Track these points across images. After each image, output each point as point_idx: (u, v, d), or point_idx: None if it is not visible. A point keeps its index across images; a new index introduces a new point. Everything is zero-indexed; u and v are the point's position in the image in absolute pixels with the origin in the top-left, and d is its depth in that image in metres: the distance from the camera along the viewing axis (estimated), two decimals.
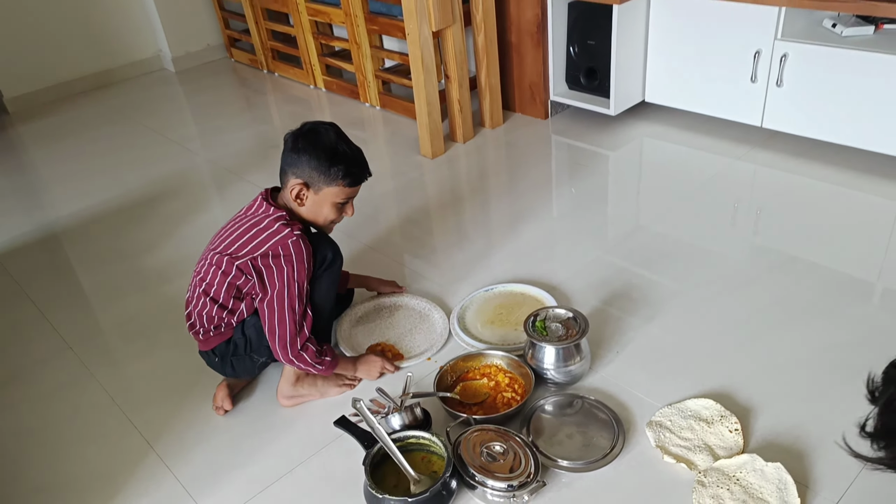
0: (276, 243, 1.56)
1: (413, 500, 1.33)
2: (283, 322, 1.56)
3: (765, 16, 2.40)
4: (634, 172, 2.73)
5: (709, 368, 1.67)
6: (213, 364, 1.71)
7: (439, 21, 2.61)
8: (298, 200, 1.61)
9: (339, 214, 1.66)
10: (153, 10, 4.15)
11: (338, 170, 1.57)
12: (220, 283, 1.60)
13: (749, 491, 1.35)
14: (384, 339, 1.88)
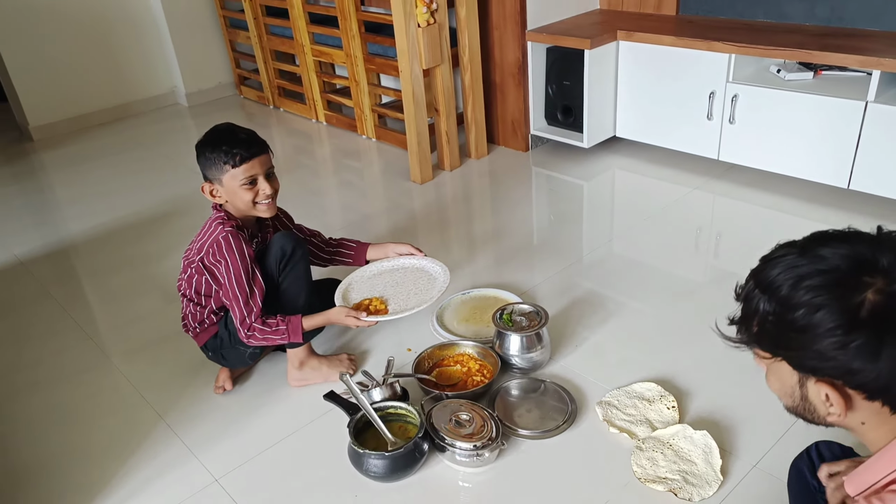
0: (212, 241, 1.75)
1: (389, 454, 1.55)
2: (233, 309, 1.75)
3: (718, 62, 2.71)
4: (606, 199, 3.00)
5: (654, 360, 1.91)
6: (209, 357, 1.93)
7: (429, 60, 2.92)
8: (216, 198, 1.77)
9: (253, 193, 1.74)
10: (171, 50, 4.49)
11: (218, 155, 1.71)
12: (188, 284, 1.84)
13: (680, 454, 1.57)
14: (379, 294, 1.90)
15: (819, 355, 0.78)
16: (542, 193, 3.09)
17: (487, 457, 1.59)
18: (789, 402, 0.89)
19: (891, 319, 0.74)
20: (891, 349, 0.74)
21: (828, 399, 0.82)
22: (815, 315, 0.77)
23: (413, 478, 1.61)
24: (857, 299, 0.75)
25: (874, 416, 0.82)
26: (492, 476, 1.60)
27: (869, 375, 0.77)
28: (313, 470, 1.66)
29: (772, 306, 0.82)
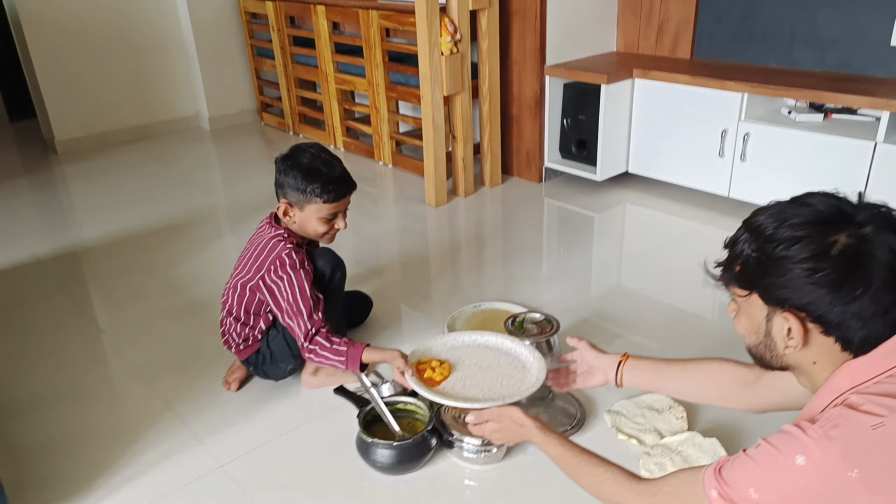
0: (273, 258, 1.73)
1: (397, 444, 1.55)
2: (298, 323, 1.70)
3: (731, 101, 2.79)
4: (616, 232, 3.04)
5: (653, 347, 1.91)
6: (249, 370, 1.93)
7: (450, 87, 3.02)
8: (287, 218, 1.77)
9: (328, 227, 1.78)
10: (197, 75, 4.64)
11: (314, 188, 1.70)
12: (239, 304, 1.83)
13: (688, 461, 1.57)
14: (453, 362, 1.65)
15: (789, 285, 0.88)
16: (554, 223, 3.14)
17: (495, 453, 1.59)
18: (753, 339, 0.99)
19: (857, 261, 0.83)
20: (851, 287, 0.84)
21: (789, 333, 0.91)
22: (792, 247, 0.87)
23: (420, 472, 1.60)
24: (831, 239, 0.86)
25: (825, 356, 0.91)
26: (499, 474, 1.60)
27: (829, 308, 0.86)
28: (319, 460, 1.66)
29: (755, 245, 0.92)
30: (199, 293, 2.48)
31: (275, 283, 1.73)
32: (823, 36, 2.82)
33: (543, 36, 3.12)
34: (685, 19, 3.20)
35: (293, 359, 1.85)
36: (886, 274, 0.83)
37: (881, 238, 0.84)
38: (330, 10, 3.77)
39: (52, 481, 1.62)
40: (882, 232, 0.84)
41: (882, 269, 0.83)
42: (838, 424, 0.82)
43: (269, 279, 1.74)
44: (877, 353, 0.87)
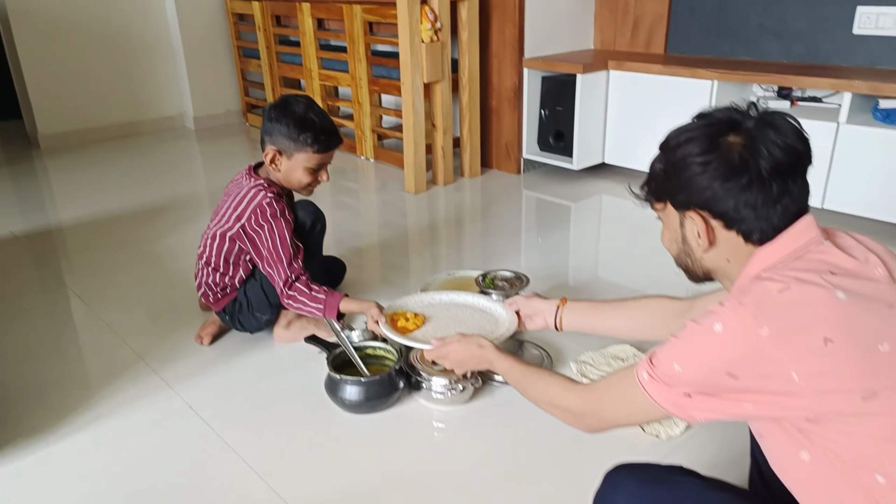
0: (255, 207, 1.74)
1: (365, 380, 1.57)
2: (277, 271, 1.74)
3: (702, 89, 2.87)
4: (593, 221, 3.10)
5: None
6: (224, 321, 1.94)
7: (430, 75, 3.09)
8: (273, 165, 1.77)
9: (312, 178, 1.80)
10: (184, 75, 4.70)
11: (306, 136, 1.71)
12: (218, 254, 1.86)
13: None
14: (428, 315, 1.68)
15: (689, 184, 0.95)
16: (532, 212, 3.19)
17: (462, 393, 1.61)
18: (675, 248, 1.05)
19: (742, 153, 0.92)
20: (738, 177, 0.91)
21: (699, 235, 0.97)
22: (686, 146, 0.95)
23: (387, 412, 1.62)
24: (720, 138, 0.94)
25: (734, 252, 0.97)
26: (465, 415, 1.62)
27: (724, 201, 0.93)
28: (289, 402, 1.67)
29: (662, 158, 1.01)
30: (176, 265, 2.49)
31: (255, 231, 1.75)
32: (790, 28, 2.92)
33: (522, 29, 3.21)
34: (659, 15, 3.31)
35: (270, 309, 1.87)
36: (767, 164, 0.90)
37: (763, 134, 0.92)
38: (315, 6, 3.85)
39: (21, 420, 1.62)
40: (765, 129, 0.92)
41: (764, 160, 0.91)
42: (748, 293, 0.88)
43: (250, 227, 1.76)
44: (782, 238, 0.94)
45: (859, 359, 0.82)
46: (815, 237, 0.93)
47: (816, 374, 0.82)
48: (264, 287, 1.84)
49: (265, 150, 1.79)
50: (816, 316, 0.83)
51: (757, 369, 0.85)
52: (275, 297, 1.82)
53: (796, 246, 0.93)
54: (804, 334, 0.83)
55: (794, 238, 0.93)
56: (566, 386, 1.15)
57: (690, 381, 0.91)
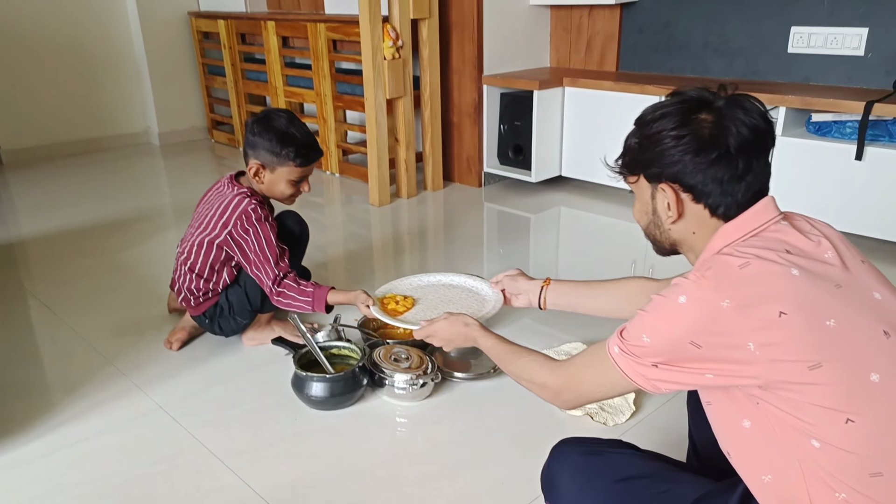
0: (240, 213, 1.81)
1: (330, 377, 1.65)
2: (265, 272, 1.81)
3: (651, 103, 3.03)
4: (552, 231, 3.22)
5: (585, 332, 2.06)
6: (202, 325, 1.98)
7: (393, 91, 3.20)
8: (257, 178, 1.85)
9: (295, 190, 1.89)
10: (149, 92, 4.73)
11: (288, 151, 1.80)
12: (204, 262, 1.88)
13: None
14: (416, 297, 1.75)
15: (662, 156, 1.01)
16: (493, 224, 3.30)
17: (422, 388, 1.70)
18: (645, 220, 1.11)
19: (712, 130, 0.98)
20: (708, 152, 0.98)
21: (669, 207, 1.03)
22: (660, 121, 1.02)
23: (352, 408, 1.70)
24: (693, 115, 1.00)
25: (700, 224, 1.03)
26: (426, 410, 1.70)
27: (693, 175, 0.99)
28: (256, 401, 1.74)
29: (637, 132, 1.07)
30: (142, 274, 2.54)
31: (242, 237, 1.81)
32: (732, 46, 3.11)
33: (481, 47, 3.35)
34: (610, 34, 3.48)
35: (250, 313, 1.94)
36: (735, 141, 0.97)
37: (732, 113, 0.99)
38: (280, 25, 3.94)
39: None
40: (734, 109, 0.99)
41: (732, 138, 0.97)
42: (711, 267, 0.94)
43: (237, 233, 1.81)
44: (745, 216, 1.00)
45: (809, 332, 0.88)
46: (774, 217, 0.99)
47: (770, 343, 0.88)
48: (248, 292, 1.90)
49: (248, 164, 1.86)
50: (773, 290, 0.89)
51: (718, 339, 0.90)
52: (256, 301, 1.90)
53: (757, 224, 0.99)
54: (761, 307, 0.88)
55: (755, 216, 0.99)
56: (543, 364, 1.18)
57: (658, 351, 0.95)
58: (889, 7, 2.64)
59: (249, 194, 1.85)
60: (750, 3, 3.00)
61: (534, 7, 3.55)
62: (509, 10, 3.43)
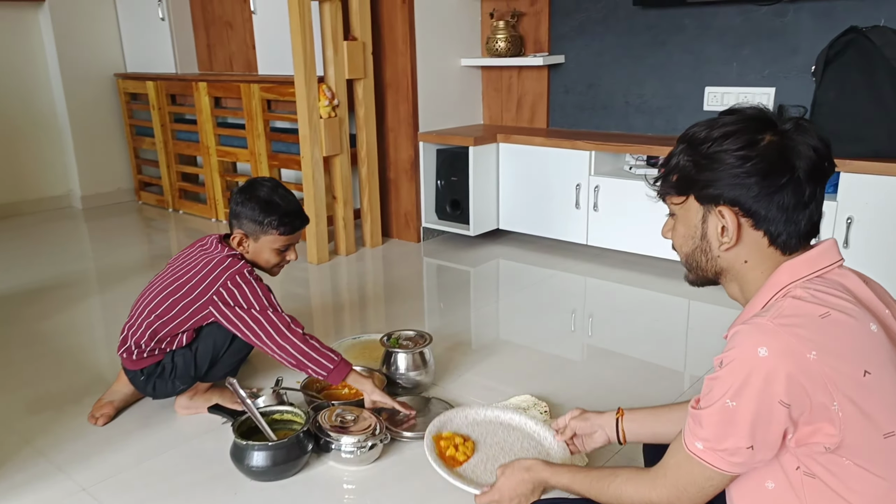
0: (234, 273, 1.73)
1: (272, 445, 1.57)
2: (271, 323, 1.69)
3: (581, 158, 3.14)
4: (491, 283, 3.24)
5: (531, 385, 2.05)
6: (136, 382, 1.85)
7: (329, 148, 3.20)
8: (241, 248, 1.83)
9: (280, 259, 1.86)
10: (71, 154, 4.56)
11: (272, 219, 1.78)
12: (174, 323, 1.75)
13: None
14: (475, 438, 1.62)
15: (722, 177, 0.94)
16: (433, 278, 3.29)
17: (371, 451, 1.63)
18: (689, 245, 1.03)
19: (781, 152, 0.93)
20: (777, 176, 0.92)
21: (723, 232, 0.96)
22: (725, 141, 0.94)
23: (296, 477, 1.61)
24: (759, 136, 0.94)
25: (756, 252, 0.96)
26: (375, 473, 1.64)
27: (758, 199, 0.93)
28: (190, 475, 1.63)
29: (690, 151, 0.99)
30: (64, 343, 2.39)
31: (232, 291, 1.72)
32: (651, 105, 3.28)
33: (416, 106, 3.41)
34: (539, 93, 3.61)
35: (191, 380, 1.84)
36: (806, 165, 0.92)
37: (801, 137, 0.93)
38: (212, 85, 3.91)
39: None
40: (801, 133, 0.93)
41: (803, 161, 0.92)
42: (791, 314, 0.87)
43: (227, 290, 1.71)
44: (810, 255, 0.94)
45: (891, 394, 0.84)
46: (838, 260, 0.95)
47: (854, 403, 0.83)
48: (197, 357, 1.81)
49: (233, 234, 1.83)
50: (856, 346, 0.85)
51: (804, 396, 0.83)
52: (202, 367, 1.81)
53: (822, 265, 0.93)
54: (847, 363, 0.83)
55: (821, 256, 0.94)
56: (638, 481, 1.04)
57: (746, 421, 0.86)
58: (790, 68, 2.85)
59: (241, 258, 1.79)
60: (666, 67, 3.18)
61: (465, 68, 3.66)
62: (442, 70, 3.52)
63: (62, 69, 4.38)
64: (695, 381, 2.07)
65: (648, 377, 2.10)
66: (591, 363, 2.28)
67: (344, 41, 3.14)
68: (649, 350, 2.30)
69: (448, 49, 3.54)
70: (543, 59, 3.39)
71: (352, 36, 3.20)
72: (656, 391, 2.01)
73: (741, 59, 2.97)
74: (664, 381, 2.08)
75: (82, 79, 4.49)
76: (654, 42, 3.19)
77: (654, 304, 2.77)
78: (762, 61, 2.91)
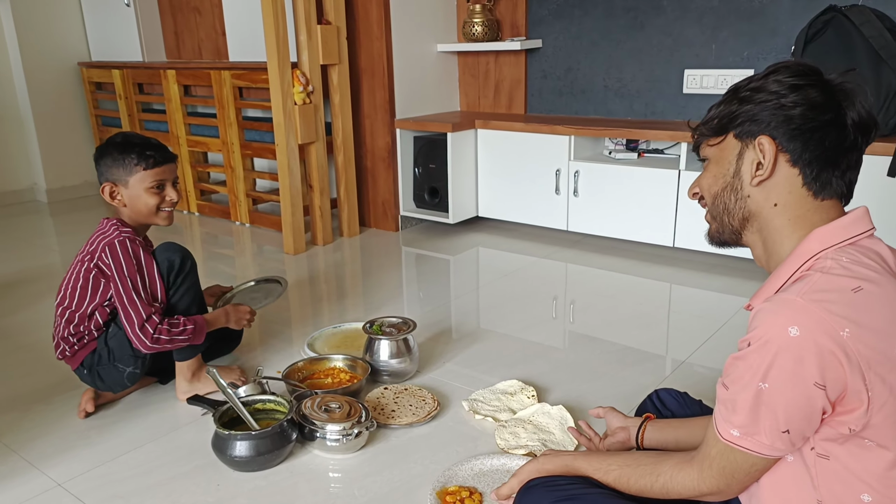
0: (108, 242, 1.71)
1: (255, 434, 1.52)
2: (135, 310, 1.67)
3: (561, 143, 3.12)
4: (471, 271, 3.21)
5: (516, 370, 2.03)
6: (84, 379, 1.80)
7: (304, 136, 3.13)
8: (116, 201, 1.76)
9: (159, 198, 1.77)
10: (34, 146, 4.41)
11: (131, 157, 1.73)
12: (72, 298, 1.74)
13: (539, 427, 1.66)
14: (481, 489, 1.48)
15: (768, 107, 0.91)
16: (412, 268, 3.25)
17: (356, 439, 1.59)
18: (719, 185, 0.98)
19: (830, 96, 0.90)
20: (822, 115, 0.89)
21: (758, 168, 0.93)
22: (773, 75, 0.93)
23: (280, 466, 1.56)
24: (813, 79, 0.91)
25: (789, 195, 0.92)
26: (360, 461, 1.60)
27: (802, 133, 0.89)
28: (171, 468, 1.57)
29: (731, 95, 0.96)
30: (30, 339, 2.30)
31: (107, 267, 1.71)
32: (630, 88, 3.27)
33: (392, 92, 3.35)
34: (517, 79, 3.58)
35: (134, 360, 1.76)
36: (853, 114, 0.90)
37: (850, 92, 0.91)
38: (181, 73, 3.81)
39: None
40: (849, 91, 0.91)
41: (852, 111, 0.90)
42: (821, 289, 0.83)
43: (103, 263, 1.71)
44: (842, 221, 0.90)
45: None
46: (871, 228, 0.91)
47: (884, 382, 0.80)
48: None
49: (101, 188, 1.77)
50: (890, 321, 0.82)
51: (839, 376, 0.80)
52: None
53: (855, 233, 0.89)
54: (881, 340, 0.80)
55: (853, 223, 0.90)
56: (681, 468, 0.98)
57: (780, 405, 0.83)
58: (768, 50, 2.86)
59: (119, 225, 1.75)
60: (645, 50, 3.18)
61: (441, 53, 3.61)
62: (418, 56, 3.47)
63: (23, 58, 4.23)
64: (677, 364, 2.07)
65: (631, 362, 2.09)
66: (573, 349, 2.25)
67: (318, 25, 3.07)
68: (631, 335, 2.29)
69: (424, 33, 3.49)
70: (521, 44, 3.36)
71: (325, 20, 3.13)
72: (639, 374, 1.99)
73: (720, 41, 2.97)
74: (647, 364, 2.06)
75: (45, 68, 4.35)
76: (633, 25, 3.18)
77: (635, 289, 2.76)
78: (741, 43, 2.92)
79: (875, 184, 2.34)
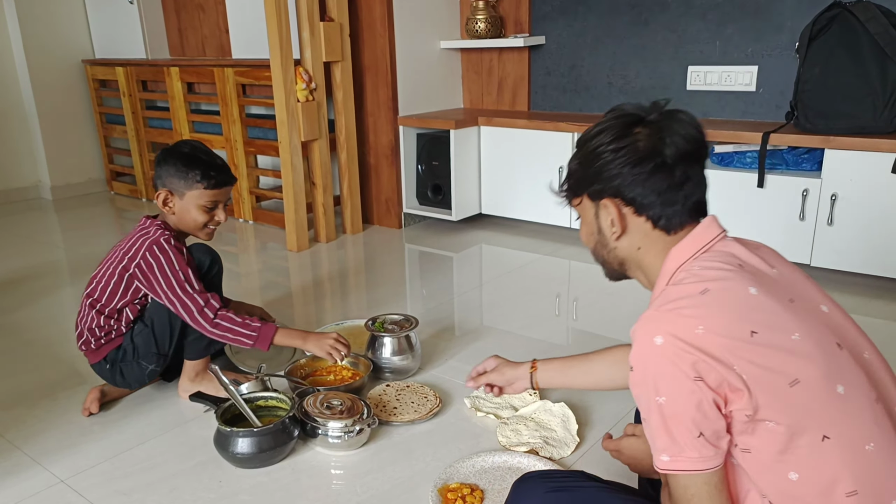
0: (152, 242, 1.71)
1: (257, 431, 1.52)
2: (185, 303, 1.68)
3: (563, 140, 3.11)
4: (474, 268, 3.21)
5: None
6: (103, 373, 1.80)
7: (307, 133, 3.13)
8: (167, 208, 1.77)
9: (208, 217, 1.78)
10: (39, 144, 4.42)
11: (195, 173, 1.73)
12: (111, 296, 1.74)
13: (541, 424, 1.66)
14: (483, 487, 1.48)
15: (602, 171, 1.01)
16: (415, 265, 3.25)
17: (359, 436, 1.59)
18: (592, 241, 1.10)
19: (649, 140, 0.99)
20: (647, 162, 0.98)
21: (612, 223, 1.03)
22: (598, 137, 1.02)
23: (283, 463, 1.57)
24: (630, 129, 1.01)
25: (644, 238, 1.03)
26: (364, 458, 1.60)
27: (633, 187, 0.99)
28: (173, 464, 1.57)
29: (577, 153, 1.07)
30: (38, 335, 2.31)
31: (150, 265, 1.69)
32: (634, 86, 3.26)
33: (395, 89, 3.35)
34: (520, 77, 3.57)
35: (157, 358, 1.77)
36: (671, 151, 0.98)
37: (667, 124, 1.00)
38: (184, 71, 3.81)
39: None
40: (669, 121, 1.01)
41: (668, 148, 0.98)
42: (673, 299, 0.92)
43: (146, 263, 1.70)
44: (692, 235, 1.00)
45: (781, 348, 0.87)
46: (720, 233, 1.01)
47: (753, 363, 0.85)
48: (155, 332, 1.75)
49: (157, 193, 1.77)
50: (738, 311, 0.89)
51: (708, 367, 0.86)
52: (164, 343, 1.75)
53: (705, 241, 0.99)
54: (733, 328, 0.87)
55: (703, 233, 1.00)
56: None
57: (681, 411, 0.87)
58: (772, 46, 2.85)
59: (163, 227, 1.76)
60: (649, 47, 3.16)
61: (445, 50, 3.61)
62: (421, 53, 3.47)
63: (28, 56, 4.24)
64: None
65: None
66: (576, 346, 2.25)
67: (320, 22, 3.07)
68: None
69: (427, 30, 3.48)
70: (524, 41, 3.35)
71: (328, 17, 3.13)
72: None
73: (725, 38, 2.96)
74: None
75: (49, 66, 4.35)
76: (637, 21, 3.17)
77: (638, 287, 2.73)
78: (746, 39, 2.90)
79: (876, 183, 2.33)
